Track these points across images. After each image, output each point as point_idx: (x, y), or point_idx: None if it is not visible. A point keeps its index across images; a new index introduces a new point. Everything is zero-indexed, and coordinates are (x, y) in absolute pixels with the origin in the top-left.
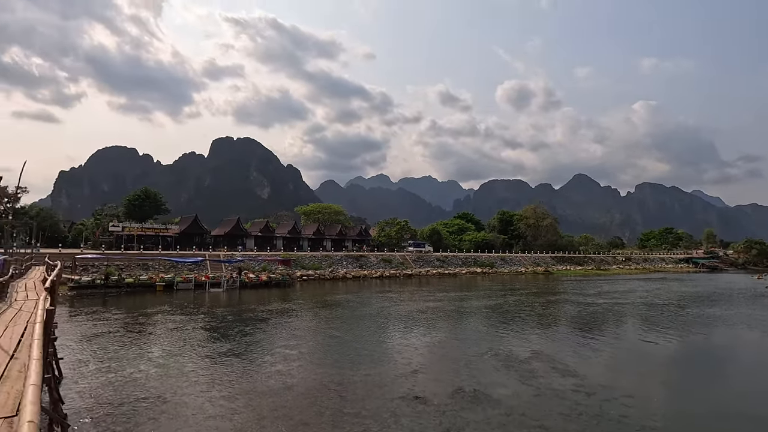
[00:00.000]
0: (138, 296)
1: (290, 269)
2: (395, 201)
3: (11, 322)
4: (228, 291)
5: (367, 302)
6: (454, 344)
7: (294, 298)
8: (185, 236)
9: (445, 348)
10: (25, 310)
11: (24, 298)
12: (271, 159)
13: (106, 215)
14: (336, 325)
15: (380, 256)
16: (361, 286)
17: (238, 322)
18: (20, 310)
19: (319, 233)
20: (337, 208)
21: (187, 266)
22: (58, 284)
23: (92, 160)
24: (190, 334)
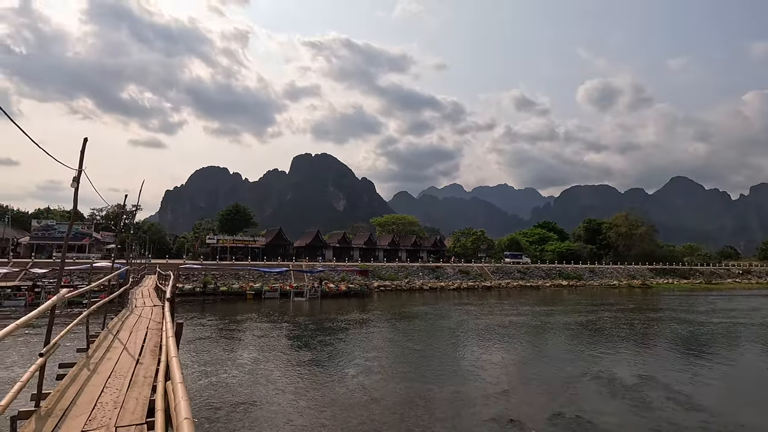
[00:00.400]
0: (231, 303)
1: (368, 280)
2: (469, 211)
3: (134, 327)
4: (310, 300)
5: (446, 315)
6: (545, 363)
7: (372, 308)
8: (271, 247)
9: (535, 367)
10: (144, 316)
11: (142, 304)
12: (346, 173)
13: (203, 229)
14: (416, 338)
15: (457, 267)
16: (438, 297)
17: (319, 331)
18: (140, 316)
19: (394, 244)
20: (411, 218)
21: (273, 276)
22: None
23: (192, 179)
24: (276, 342)
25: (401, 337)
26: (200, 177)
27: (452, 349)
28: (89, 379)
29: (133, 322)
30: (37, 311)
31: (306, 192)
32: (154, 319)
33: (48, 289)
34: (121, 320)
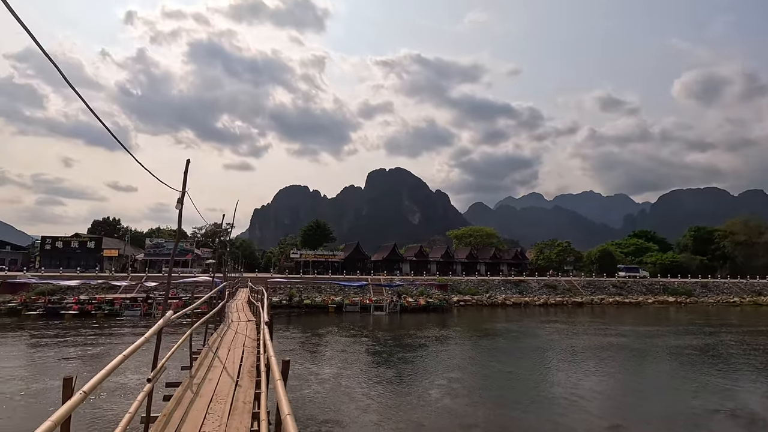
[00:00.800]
0: (314, 316)
1: (447, 294)
2: (551, 221)
3: (231, 344)
4: (389, 314)
5: (533, 333)
6: (661, 394)
7: (452, 324)
8: (349, 261)
9: (649, 398)
10: (239, 332)
11: (237, 318)
12: (420, 186)
13: (287, 244)
14: (502, 358)
15: (542, 281)
16: (523, 313)
17: (400, 347)
18: (236, 332)
19: (472, 257)
20: (489, 230)
21: (352, 290)
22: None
23: (276, 198)
24: (357, 357)
25: (485, 357)
26: (284, 196)
27: (544, 372)
28: (193, 403)
29: (231, 338)
30: (144, 338)
31: (381, 206)
32: (249, 335)
33: (158, 300)
34: (219, 336)
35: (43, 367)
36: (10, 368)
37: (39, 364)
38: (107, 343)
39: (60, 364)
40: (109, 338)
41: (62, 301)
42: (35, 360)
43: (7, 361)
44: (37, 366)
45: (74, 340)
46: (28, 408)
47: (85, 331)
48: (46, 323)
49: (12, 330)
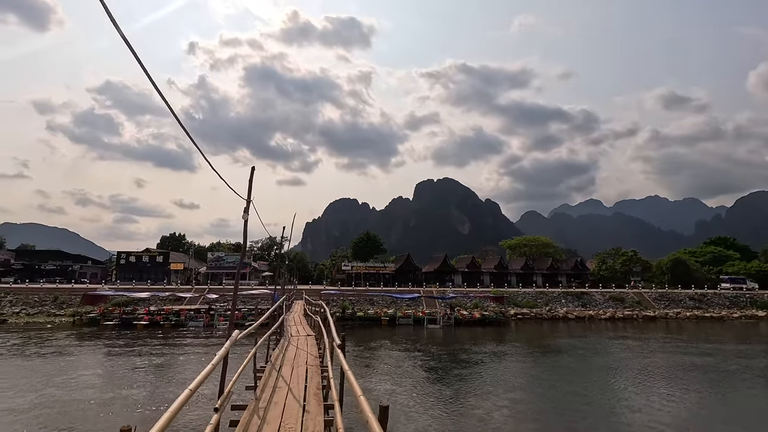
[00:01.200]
0: (367, 329)
1: (503, 307)
2: (611, 228)
3: (294, 361)
4: (443, 328)
5: (600, 350)
6: (762, 424)
7: (510, 339)
8: (400, 273)
9: (749, 429)
10: (300, 348)
11: (296, 333)
12: (469, 195)
13: (338, 257)
14: (568, 378)
15: (608, 294)
16: (587, 328)
17: (456, 363)
18: (297, 348)
19: (527, 268)
20: (545, 239)
21: (405, 302)
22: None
23: (327, 211)
24: (412, 373)
25: (550, 376)
26: (334, 209)
27: (619, 396)
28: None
29: (292, 355)
30: (211, 366)
31: (430, 217)
32: (311, 352)
33: (219, 311)
34: (281, 351)
35: (114, 376)
36: (87, 376)
37: (111, 373)
38: (173, 353)
39: (130, 374)
40: (174, 348)
41: (134, 312)
42: (108, 369)
43: (84, 369)
44: (110, 375)
45: (143, 350)
46: (96, 417)
47: (153, 341)
48: (120, 333)
49: (91, 339)
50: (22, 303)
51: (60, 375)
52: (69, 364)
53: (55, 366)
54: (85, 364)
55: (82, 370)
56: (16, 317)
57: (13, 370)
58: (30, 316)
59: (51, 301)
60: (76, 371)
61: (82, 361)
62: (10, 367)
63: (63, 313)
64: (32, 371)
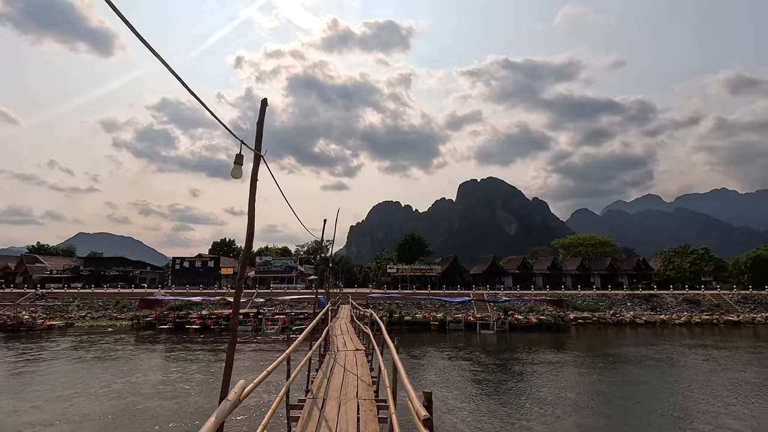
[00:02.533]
0: (416, 334)
1: (562, 311)
2: (672, 225)
3: (341, 392)
4: (497, 333)
5: (678, 361)
6: None
7: (571, 347)
8: (446, 275)
9: None
10: (349, 369)
11: (343, 346)
12: (515, 194)
13: (383, 259)
14: (643, 397)
15: (680, 296)
16: (658, 334)
17: (511, 374)
18: (345, 368)
19: (584, 268)
20: (601, 238)
21: (454, 306)
22: None
23: (370, 215)
24: (471, 386)
25: (620, 392)
26: (377, 212)
27: (708, 419)
28: None
29: (339, 381)
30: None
31: (474, 218)
32: (362, 377)
33: (267, 315)
34: (325, 375)
35: (169, 380)
36: (144, 379)
37: (166, 375)
38: (222, 359)
39: (185, 378)
40: (224, 354)
41: (187, 316)
42: (164, 371)
43: (141, 372)
44: (165, 378)
45: (194, 354)
46: (154, 419)
47: (204, 346)
48: (174, 336)
49: (147, 342)
50: (88, 307)
51: (119, 378)
52: (128, 367)
53: (115, 369)
54: (142, 367)
55: (138, 374)
56: (82, 320)
57: (73, 372)
58: (94, 319)
59: (113, 305)
60: (133, 375)
61: (139, 364)
62: (72, 369)
63: (123, 317)
64: (91, 374)
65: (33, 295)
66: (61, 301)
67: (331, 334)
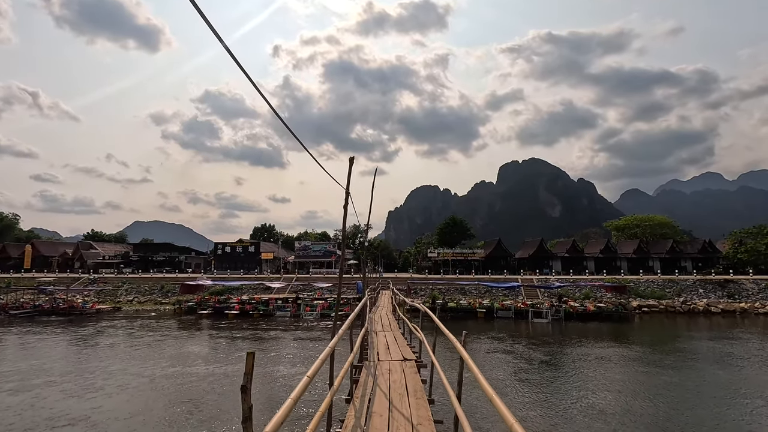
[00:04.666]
0: (460, 322)
1: (624, 297)
2: (736, 204)
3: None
4: (551, 322)
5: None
6: None
7: (638, 339)
8: (490, 260)
9: None
10: (396, 401)
11: (386, 351)
12: (559, 176)
13: (423, 243)
14: (732, 403)
15: (764, 282)
16: (737, 325)
17: (583, 373)
18: (390, 400)
19: (641, 251)
20: (661, 218)
21: (501, 291)
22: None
23: (408, 199)
24: (534, 387)
25: (703, 402)
26: (415, 196)
27: None
28: None
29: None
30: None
31: (516, 200)
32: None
33: (306, 301)
34: (359, 412)
35: (209, 371)
36: (180, 365)
37: (206, 362)
38: (260, 348)
39: (223, 368)
40: (262, 342)
41: (228, 301)
42: (204, 358)
43: (172, 362)
44: (205, 365)
45: (232, 342)
46: (172, 417)
47: (242, 333)
48: (213, 322)
49: (186, 328)
50: (135, 291)
51: (157, 365)
52: (167, 352)
53: (155, 355)
54: (178, 353)
55: (173, 361)
56: (129, 305)
57: (114, 356)
58: (140, 303)
59: (158, 290)
60: (170, 362)
61: (176, 350)
62: (114, 354)
63: (168, 302)
64: (134, 359)
65: (86, 280)
66: (110, 285)
67: (371, 335)
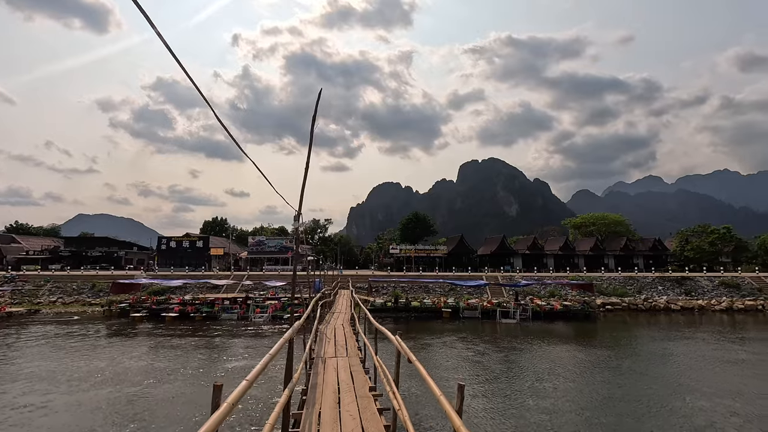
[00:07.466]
0: (425, 322)
1: (590, 295)
2: (673, 206)
3: None
4: (520, 322)
5: (739, 359)
6: None
7: (607, 339)
8: (453, 256)
9: None
10: None
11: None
12: (516, 176)
13: (385, 239)
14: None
15: (717, 279)
16: (698, 323)
17: (560, 385)
18: None
19: (597, 249)
20: (616, 217)
21: (466, 290)
22: None
23: (370, 196)
24: (508, 402)
25: (699, 413)
26: (377, 193)
27: None
28: None
29: None
30: None
31: (475, 199)
32: None
33: (257, 301)
34: None
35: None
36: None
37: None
38: (200, 356)
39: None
40: (198, 349)
41: (168, 301)
42: (115, 381)
43: (91, 374)
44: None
45: (164, 352)
46: None
47: (179, 339)
48: (148, 326)
49: (111, 335)
50: (61, 291)
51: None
52: (75, 366)
53: (57, 369)
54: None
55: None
56: (52, 306)
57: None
58: (65, 305)
59: (88, 289)
60: (77, 377)
61: (92, 363)
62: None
63: (98, 302)
64: (25, 378)
65: (2, 278)
66: (32, 284)
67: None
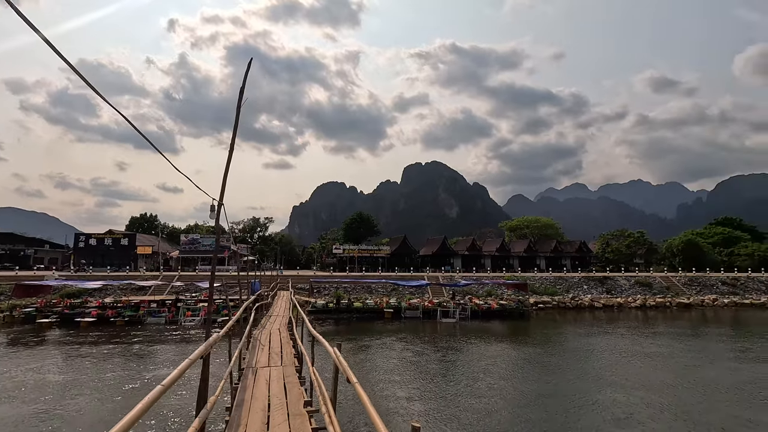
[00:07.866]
0: (367, 323)
1: (524, 294)
2: (596, 212)
3: None
4: (459, 321)
5: (660, 353)
6: None
7: (541, 336)
8: (396, 257)
9: None
10: None
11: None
12: (457, 179)
13: (329, 239)
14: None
15: (633, 279)
16: (617, 319)
17: (501, 383)
18: None
19: (531, 250)
20: (547, 221)
21: (408, 290)
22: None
23: (314, 195)
24: (452, 404)
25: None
26: (321, 192)
27: None
28: None
29: None
30: None
31: (418, 200)
32: None
33: (188, 303)
34: None
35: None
36: None
37: None
38: (118, 366)
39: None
40: (116, 359)
41: (85, 305)
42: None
43: None
44: None
45: (70, 363)
46: None
47: (94, 348)
48: (59, 334)
49: (11, 343)
50: None
51: None
52: None
53: None
54: None
55: None
56: None
57: None
58: None
59: None
60: None
61: None
62: None
63: None
64: None
65: None
66: None
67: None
